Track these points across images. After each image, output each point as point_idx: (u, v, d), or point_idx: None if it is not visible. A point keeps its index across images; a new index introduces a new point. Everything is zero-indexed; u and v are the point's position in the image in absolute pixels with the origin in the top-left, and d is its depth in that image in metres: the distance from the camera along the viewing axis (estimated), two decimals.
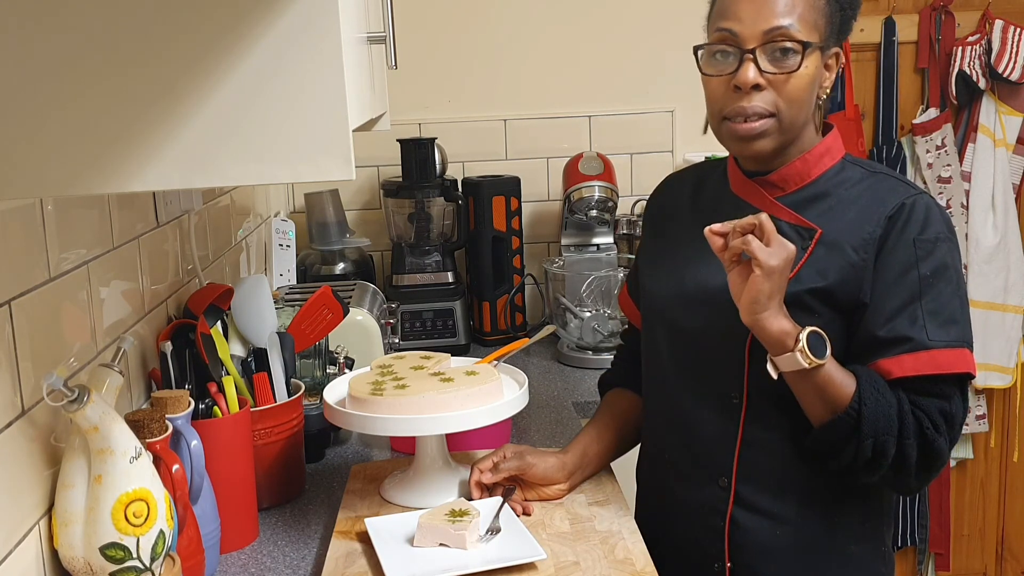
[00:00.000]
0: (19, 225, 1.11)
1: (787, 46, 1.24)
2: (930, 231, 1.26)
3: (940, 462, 1.26)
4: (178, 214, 1.72)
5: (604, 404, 1.60)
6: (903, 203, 1.27)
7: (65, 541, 1.10)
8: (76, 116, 0.88)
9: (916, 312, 1.24)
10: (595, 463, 1.52)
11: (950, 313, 1.25)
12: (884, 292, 1.25)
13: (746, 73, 1.24)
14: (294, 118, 0.88)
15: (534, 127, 2.74)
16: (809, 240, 1.29)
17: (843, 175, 1.33)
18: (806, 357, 1.19)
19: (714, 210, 1.40)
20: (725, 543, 1.36)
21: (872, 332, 1.25)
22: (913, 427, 1.23)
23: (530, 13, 2.70)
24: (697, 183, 1.49)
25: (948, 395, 1.24)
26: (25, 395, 1.09)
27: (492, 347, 2.44)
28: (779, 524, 1.33)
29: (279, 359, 1.62)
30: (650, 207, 1.56)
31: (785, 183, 1.34)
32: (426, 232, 2.53)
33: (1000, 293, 2.95)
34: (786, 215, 1.32)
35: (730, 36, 1.26)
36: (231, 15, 0.86)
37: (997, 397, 3.10)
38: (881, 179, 1.33)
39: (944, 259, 1.26)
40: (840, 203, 1.31)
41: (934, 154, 2.92)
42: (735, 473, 1.34)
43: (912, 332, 1.23)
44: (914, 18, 2.91)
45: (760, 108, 1.26)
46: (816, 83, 1.29)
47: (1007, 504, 3.21)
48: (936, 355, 1.22)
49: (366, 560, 1.30)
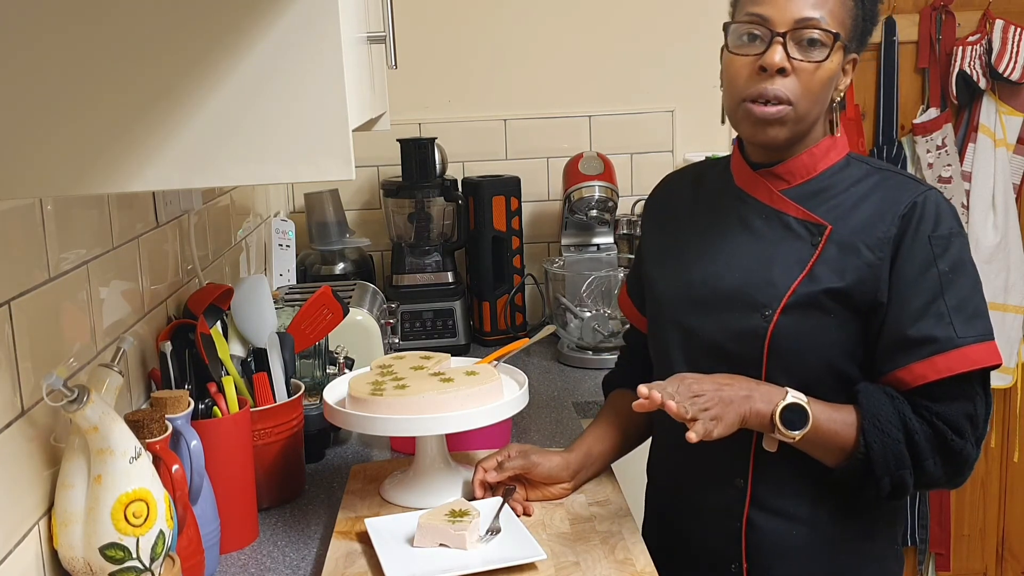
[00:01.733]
0: (19, 225, 1.11)
1: (815, 36, 1.25)
2: (943, 227, 1.27)
3: (969, 465, 1.27)
4: (178, 214, 1.72)
5: (608, 404, 1.59)
6: (915, 201, 1.27)
7: (65, 541, 1.10)
8: (76, 116, 0.88)
9: (941, 309, 1.24)
10: (599, 463, 1.52)
11: (974, 307, 1.26)
12: (906, 291, 1.26)
13: (774, 55, 1.25)
14: (294, 118, 0.88)
15: (534, 127, 2.74)
16: (819, 236, 1.29)
17: (847, 171, 1.34)
18: (785, 437, 1.23)
19: (717, 205, 1.40)
20: (742, 544, 1.36)
21: (901, 332, 1.25)
22: (933, 444, 1.24)
23: (530, 13, 2.70)
24: (697, 180, 1.49)
25: (971, 395, 1.25)
26: (25, 395, 1.09)
27: (492, 347, 2.44)
28: (795, 524, 1.34)
29: (279, 359, 1.62)
30: (650, 207, 1.56)
31: (791, 176, 1.34)
32: (426, 232, 2.53)
33: (1000, 293, 2.95)
34: (793, 209, 1.32)
35: (760, 20, 1.26)
36: (231, 15, 0.86)
37: (997, 397, 3.10)
38: (888, 176, 1.33)
39: (960, 254, 1.27)
40: (848, 200, 1.31)
41: (934, 154, 2.92)
42: (751, 474, 1.34)
43: (940, 331, 1.24)
44: (914, 18, 2.91)
45: (781, 92, 1.26)
46: (834, 80, 1.30)
47: (1007, 504, 3.21)
48: (967, 352, 1.23)
49: (366, 560, 1.30)
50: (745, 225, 1.36)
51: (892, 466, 1.23)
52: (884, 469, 1.23)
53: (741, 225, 1.36)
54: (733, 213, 1.38)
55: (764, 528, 1.34)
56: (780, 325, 1.28)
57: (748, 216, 1.36)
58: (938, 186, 2.91)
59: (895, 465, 1.23)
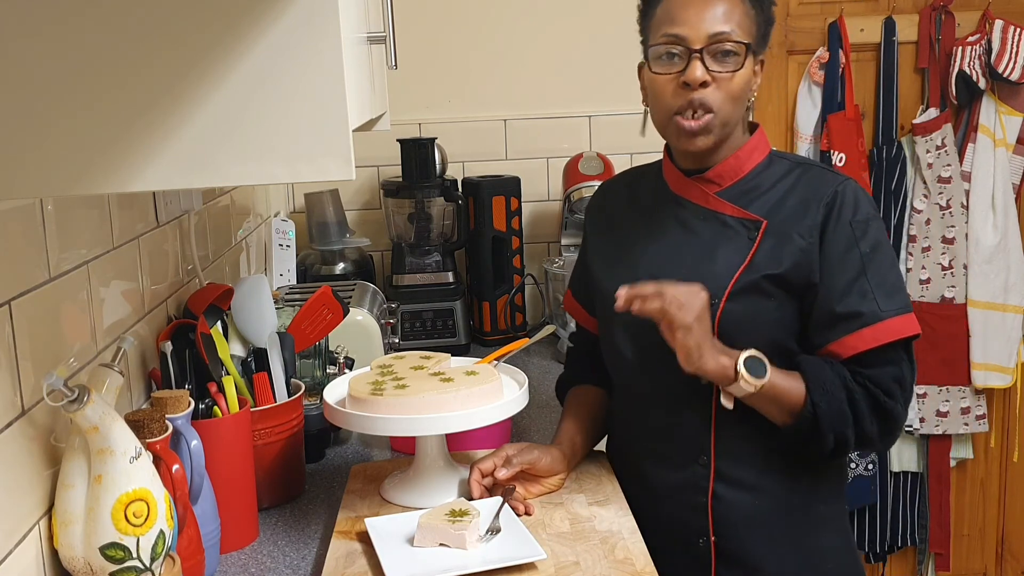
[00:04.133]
0: (19, 225, 1.11)
1: (729, 48, 1.36)
2: (861, 213, 1.39)
3: (899, 426, 1.39)
4: (178, 214, 1.72)
5: (571, 400, 1.65)
6: (836, 191, 1.39)
7: (65, 541, 1.10)
8: (76, 116, 0.88)
9: (865, 287, 1.36)
10: (581, 453, 1.58)
11: (893, 283, 1.38)
12: (832, 271, 1.37)
13: (695, 71, 1.35)
14: (294, 118, 0.88)
15: (534, 127, 2.74)
16: (755, 231, 1.40)
17: (772, 169, 1.46)
18: (748, 383, 1.31)
19: (655, 209, 1.51)
20: (709, 518, 1.43)
21: (831, 308, 1.37)
22: (869, 405, 1.35)
23: (530, 13, 2.70)
24: (631, 186, 1.60)
25: (898, 361, 1.37)
26: (25, 395, 1.09)
27: (492, 347, 2.44)
28: (759, 494, 1.43)
29: (279, 359, 1.62)
30: (590, 213, 1.66)
31: (721, 179, 1.45)
32: (426, 232, 2.53)
33: (1000, 293, 2.95)
34: (729, 209, 1.43)
35: (677, 39, 1.37)
36: (231, 15, 0.86)
37: (997, 397, 3.10)
38: (808, 169, 1.45)
39: (878, 236, 1.39)
40: (775, 195, 1.42)
41: (934, 154, 2.92)
42: (713, 451, 1.43)
43: (864, 306, 1.35)
44: (914, 18, 2.91)
45: (706, 102, 1.37)
46: (750, 84, 1.41)
47: (1007, 504, 3.21)
48: (890, 324, 1.36)
49: (366, 560, 1.30)
50: (684, 227, 1.46)
51: (837, 424, 1.34)
52: (829, 427, 1.33)
53: (681, 227, 1.47)
54: (671, 217, 1.48)
55: (730, 501, 1.43)
56: (727, 311, 1.38)
57: (686, 218, 1.47)
58: (938, 186, 2.92)
59: (839, 423, 1.34)
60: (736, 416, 1.38)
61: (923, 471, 3.12)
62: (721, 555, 1.44)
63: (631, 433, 1.55)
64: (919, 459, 3.11)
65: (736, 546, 1.43)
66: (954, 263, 2.94)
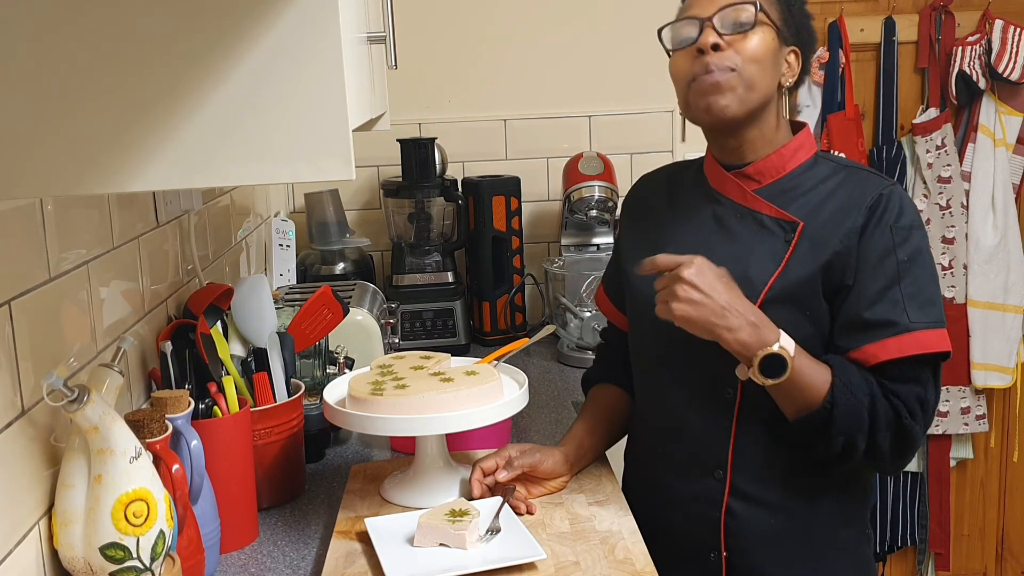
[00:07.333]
0: (19, 225, 1.11)
1: (741, 16, 1.33)
2: (905, 219, 1.33)
3: (914, 448, 1.32)
4: (178, 214, 1.72)
5: (591, 399, 1.63)
6: (881, 193, 1.33)
7: (65, 541, 1.10)
8: (76, 116, 0.88)
9: (896, 296, 1.30)
10: (590, 455, 1.55)
11: (928, 296, 1.31)
12: (866, 276, 1.31)
13: (707, 37, 1.33)
14: (294, 118, 0.88)
15: (534, 127, 2.74)
16: (792, 233, 1.35)
17: (815, 170, 1.40)
18: (758, 379, 1.26)
19: (692, 205, 1.46)
20: (721, 533, 1.39)
21: (858, 313, 1.31)
22: (889, 418, 1.28)
23: (530, 13, 2.70)
24: (671, 181, 1.55)
25: (924, 380, 1.31)
26: (25, 395, 1.09)
27: (492, 347, 2.44)
28: (774, 512, 1.38)
29: (279, 359, 1.62)
30: (627, 206, 1.61)
31: (761, 176, 1.40)
32: (426, 232, 2.53)
33: (1000, 293, 2.95)
34: (766, 208, 1.38)
35: (689, 17, 1.36)
36: (231, 15, 0.86)
37: (997, 397, 3.10)
38: (855, 172, 1.39)
39: (919, 245, 1.33)
40: (816, 196, 1.37)
41: (934, 154, 2.92)
42: (730, 465, 1.38)
43: (894, 315, 1.29)
44: (914, 18, 2.91)
45: (722, 63, 1.33)
46: (774, 56, 1.36)
47: (1007, 504, 3.22)
48: (918, 336, 1.29)
49: (366, 560, 1.30)
50: (720, 224, 1.41)
51: (850, 427, 1.27)
52: (841, 428, 1.27)
53: (717, 224, 1.42)
54: (708, 213, 1.43)
55: (744, 517, 1.38)
56: None
57: (723, 216, 1.42)
58: (938, 186, 2.92)
59: (853, 426, 1.27)
60: (758, 431, 1.35)
61: (923, 471, 3.13)
62: (732, 571, 1.40)
63: (650, 439, 1.51)
64: (919, 459, 3.11)
65: (748, 563, 1.39)
66: (954, 263, 2.94)
